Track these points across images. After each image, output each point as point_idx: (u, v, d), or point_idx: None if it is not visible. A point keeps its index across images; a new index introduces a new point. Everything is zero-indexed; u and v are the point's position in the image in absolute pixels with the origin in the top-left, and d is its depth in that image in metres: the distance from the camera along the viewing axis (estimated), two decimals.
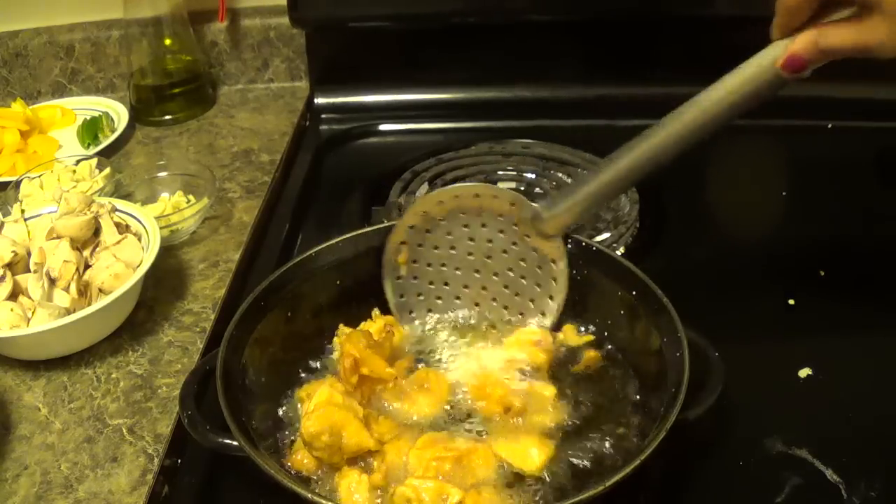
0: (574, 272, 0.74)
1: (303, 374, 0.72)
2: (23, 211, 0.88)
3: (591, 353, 0.71)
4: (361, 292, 0.76)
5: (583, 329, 0.74)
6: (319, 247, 0.75)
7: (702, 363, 0.63)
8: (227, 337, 0.65)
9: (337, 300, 0.75)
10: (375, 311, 0.76)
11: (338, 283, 0.75)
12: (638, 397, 0.67)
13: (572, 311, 0.74)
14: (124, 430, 0.72)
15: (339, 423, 0.61)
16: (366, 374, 0.66)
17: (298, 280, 0.73)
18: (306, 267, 0.74)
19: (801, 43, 0.63)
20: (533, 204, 0.73)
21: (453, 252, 0.76)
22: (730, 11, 1.12)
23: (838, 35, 0.61)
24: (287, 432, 0.67)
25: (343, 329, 0.73)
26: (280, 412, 0.69)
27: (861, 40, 0.61)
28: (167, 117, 1.23)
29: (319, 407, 0.62)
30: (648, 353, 0.66)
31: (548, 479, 0.62)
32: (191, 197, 1.00)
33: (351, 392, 0.66)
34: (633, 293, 0.69)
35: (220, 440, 0.61)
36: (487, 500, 0.59)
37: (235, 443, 0.58)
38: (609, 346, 0.72)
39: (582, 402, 0.68)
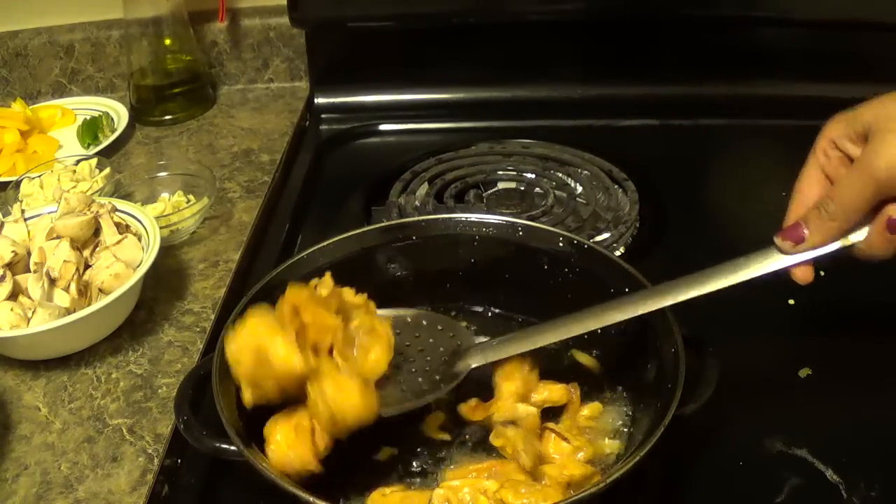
0: (567, 270, 0.74)
1: None
2: (23, 211, 0.88)
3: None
4: (357, 293, 0.76)
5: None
6: (313, 248, 0.75)
7: (697, 360, 0.63)
8: (221, 341, 0.65)
9: None
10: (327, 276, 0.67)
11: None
12: (634, 396, 0.67)
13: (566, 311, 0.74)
14: (124, 430, 0.72)
15: (265, 341, 0.58)
16: (308, 321, 0.61)
17: (293, 281, 0.72)
18: (300, 268, 0.73)
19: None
20: (475, 341, 0.69)
21: None
22: (730, 11, 1.12)
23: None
24: None
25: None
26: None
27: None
28: (167, 117, 1.23)
29: (245, 327, 0.58)
30: (643, 351, 0.66)
31: None
32: (191, 197, 1.00)
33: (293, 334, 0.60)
34: (627, 290, 0.69)
35: (218, 445, 0.60)
36: (523, 486, 0.58)
37: (233, 447, 0.58)
38: (603, 345, 0.72)
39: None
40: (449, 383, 0.66)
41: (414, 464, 0.65)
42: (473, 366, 0.67)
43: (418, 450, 0.66)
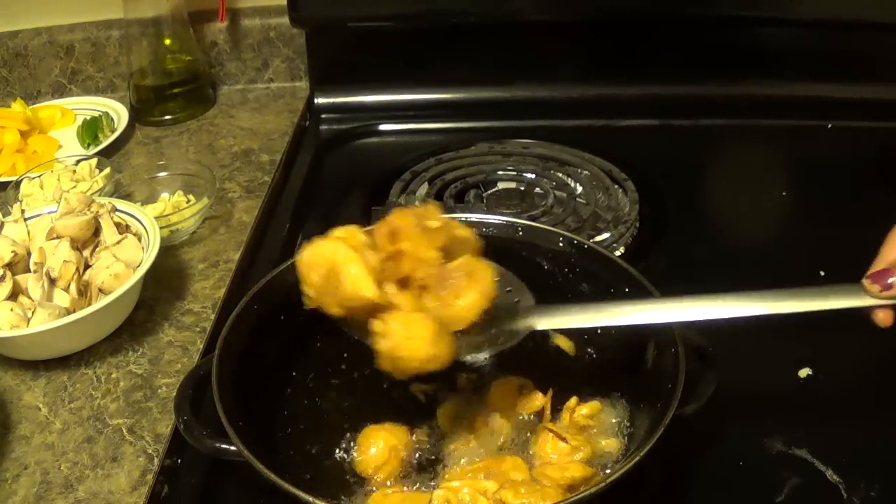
0: (567, 270, 0.74)
1: (296, 374, 0.72)
2: (23, 211, 0.88)
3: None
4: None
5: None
6: None
7: (697, 359, 0.63)
8: (221, 341, 0.65)
9: None
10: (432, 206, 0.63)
11: None
12: (633, 395, 0.67)
13: None
14: (124, 430, 0.72)
15: (339, 261, 0.55)
16: (405, 249, 0.57)
17: (293, 282, 0.72)
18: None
19: None
20: (531, 306, 0.65)
21: None
22: (730, 11, 1.12)
23: None
24: (286, 434, 0.68)
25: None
26: (277, 413, 0.69)
27: None
28: (167, 117, 1.23)
29: (323, 242, 0.56)
30: (643, 350, 0.66)
31: None
32: (191, 197, 1.00)
33: (379, 259, 0.57)
34: (627, 290, 0.69)
35: (218, 445, 0.60)
36: (522, 487, 0.58)
37: (233, 447, 0.58)
38: (602, 343, 0.72)
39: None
40: (508, 341, 0.62)
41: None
42: (537, 328, 0.64)
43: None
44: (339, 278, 0.56)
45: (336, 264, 0.56)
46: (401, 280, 0.58)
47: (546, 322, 0.65)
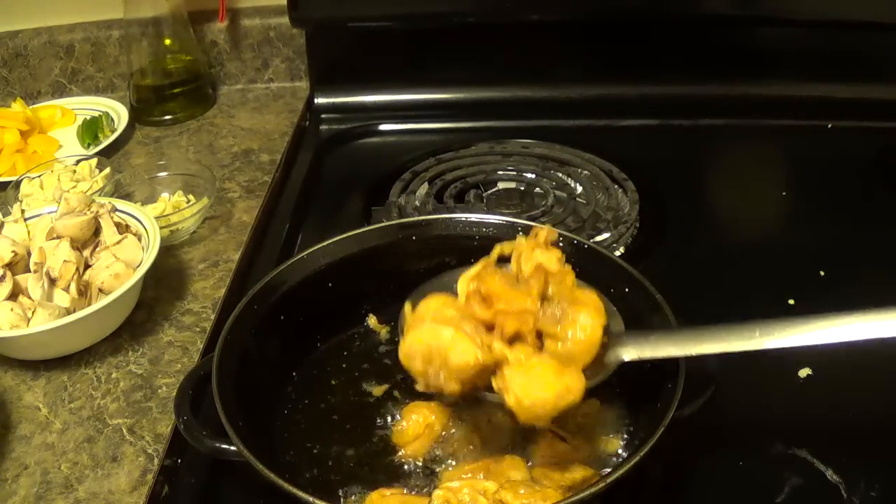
0: None
1: (296, 374, 0.72)
2: (23, 211, 0.88)
3: None
4: (355, 293, 0.77)
5: None
6: (313, 248, 0.75)
7: (697, 359, 0.63)
8: (221, 341, 0.65)
9: (331, 301, 0.75)
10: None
11: (331, 284, 0.75)
12: (633, 395, 0.67)
13: None
14: (124, 430, 0.72)
15: (436, 339, 0.54)
16: (502, 309, 0.56)
17: (292, 282, 0.73)
18: (300, 268, 0.74)
19: None
20: (623, 334, 0.62)
21: None
22: (730, 11, 1.13)
23: None
24: (286, 434, 0.68)
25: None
26: (277, 413, 0.69)
27: None
28: (167, 117, 1.23)
29: (414, 329, 0.55)
30: None
31: None
32: (191, 197, 1.00)
33: (476, 325, 0.56)
34: (627, 290, 0.69)
35: (218, 445, 0.60)
36: (522, 487, 0.58)
37: (233, 447, 0.58)
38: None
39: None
40: (597, 373, 0.59)
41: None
42: (626, 359, 0.60)
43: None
44: (443, 355, 0.55)
45: (434, 344, 0.55)
46: (513, 337, 0.57)
47: (634, 352, 0.60)
